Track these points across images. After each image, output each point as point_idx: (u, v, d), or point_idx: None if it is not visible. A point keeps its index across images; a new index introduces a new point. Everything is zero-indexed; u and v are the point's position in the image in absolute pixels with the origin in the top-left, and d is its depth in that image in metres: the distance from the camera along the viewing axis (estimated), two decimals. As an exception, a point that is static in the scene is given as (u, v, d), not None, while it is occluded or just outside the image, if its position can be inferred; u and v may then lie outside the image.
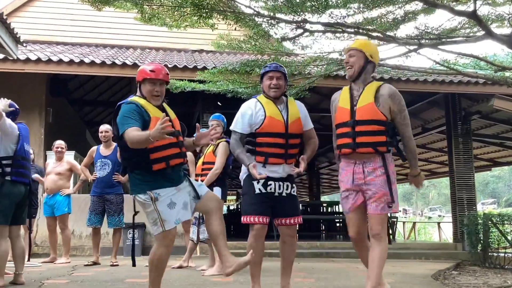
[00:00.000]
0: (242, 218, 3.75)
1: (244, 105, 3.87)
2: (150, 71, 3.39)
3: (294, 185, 3.85)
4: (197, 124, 3.62)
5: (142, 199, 3.27)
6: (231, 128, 3.83)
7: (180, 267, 6.22)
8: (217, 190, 5.55)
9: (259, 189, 3.69)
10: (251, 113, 3.75)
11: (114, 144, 6.85)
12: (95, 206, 6.75)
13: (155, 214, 3.23)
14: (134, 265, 3.73)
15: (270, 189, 3.71)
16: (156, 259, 3.26)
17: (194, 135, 3.59)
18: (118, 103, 3.41)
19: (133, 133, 3.13)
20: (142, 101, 3.36)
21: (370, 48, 3.69)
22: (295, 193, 3.85)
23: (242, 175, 3.84)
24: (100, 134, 6.84)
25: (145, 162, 3.25)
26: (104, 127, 6.83)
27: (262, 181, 3.68)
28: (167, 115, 3.35)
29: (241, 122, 3.77)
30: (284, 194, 3.76)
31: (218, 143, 5.68)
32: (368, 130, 3.52)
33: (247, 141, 3.79)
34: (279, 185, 3.74)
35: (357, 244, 3.72)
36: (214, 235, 3.41)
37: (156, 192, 3.24)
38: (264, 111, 3.74)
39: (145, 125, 3.24)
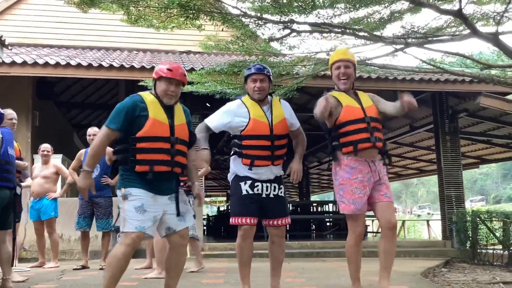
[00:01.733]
0: (230, 220, 3.76)
1: (228, 106, 3.85)
2: (167, 69, 3.32)
3: (282, 186, 3.85)
4: (204, 169, 3.59)
5: (118, 194, 3.23)
6: (206, 120, 3.80)
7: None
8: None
9: (246, 190, 3.69)
10: (230, 119, 3.74)
11: None
12: (83, 210, 6.70)
13: (122, 212, 3.16)
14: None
15: (257, 190, 3.71)
16: (111, 255, 3.13)
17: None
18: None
19: (98, 141, 3.21)
20: (148, 98, 3.28)
21: (355, 59, 3.97)
22: (283, 194, 3.85)
23: (230, 176, 3.85)
24: (88, 137, 6.79)
25: (130, 160, 3.16)
26: (92, 130, 6.78)
27: (249, 182, 3.69)
28: (172, 118, 3.27)
29: (216, 121, 3.77)
30: (271, 195, 3.76)
31: None
32: (377, 127, 3.80)
33: (233, 143, 3.78)
34: (267, 187, 3.74)
35: (359, 243, 3.78)
36: (169, 267, 3.33)
37: (128, 192, 3.14)
38: (249, 114, 3.73)
39: (139, 124, 3.17)
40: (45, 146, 7.19)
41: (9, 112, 5.69)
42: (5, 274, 4.58)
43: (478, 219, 9.26)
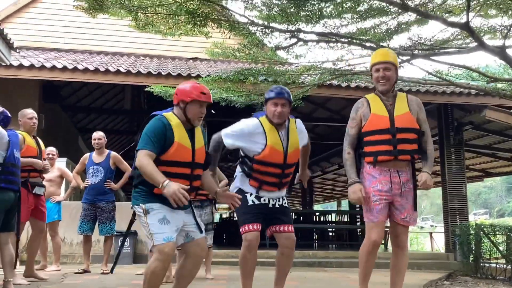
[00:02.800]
0: (240, 229, 3.72)
1: (246, 126, 3.77)
2: (202, 93, 3.26)
3: (285, 198, 3.91)
4: (225, 180, 3.58)
5: (137, 211, 3.21)
6: (223, 135, 3.74)
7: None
8: None
9: (252, 200, 3.72)
10: (247, 143, 3.72)
11: (107, 151, 6.83)
12: (86, 214, 6.71)
13: (146, 227, 3.13)
14: (111, 272, 3.75)
15: (264, 200, 3.75)
16: (149, 272, 3.10)
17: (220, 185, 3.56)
18: (152, 113, 3.32)
19: (146, 162, 3.07)
20: (174, 121, 3.23)
21: (396, 60, 3.81)
22: (286, 205, 3.89)
23: (233, 189, 3.81)
24: (93, 141, 6.81)
25: (149, 183, 3.13)
26: (98, 134, 6.80)
27: (254, 194, 3.72)
28: (193, 142, 3.25)
29: (233, 141, 3.72)
30: (277, 205, 3.80)
31: None
32: (407, 138, 3.63)
33: (243, 161, 3.80)
34: (272, 199, 3.79)
35: (375, 249, 3.71)
36: (181, 276, 3.30)
37: (150, 207, 3.13)
38: (266, 139, 3.69)
39: (165, 147, 3.15)
40: (51, 150, 7.21)
41: (30, 112, 5.75)
42: (7, 276, 4.59)
43: (481, 232, 9.21)
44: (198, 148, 3.29)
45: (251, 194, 3.72)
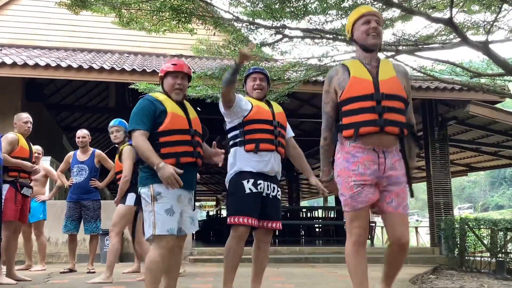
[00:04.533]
0: (228, 219, 3.64)
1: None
2: (172, 64, 3.39)
3: (279, 188, 3.84)
4: (214, 142, 3.55)
5: (143, 194, 3.17)
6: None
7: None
8: (131, 197, 5.29)
9: (250, 188, 3.62)
10: (242, 100, 3.75)
11: (92, 149, 6.77)
12: (71, 212, 6.64)
13: (151, 214, 3.11)
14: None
15: (260, 188, 3.67)
16: (149, 261, 3.09)
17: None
18: (140, 97, 3.40)
19: (141, 142, 3.11)
20: (161, 97, 3.31)
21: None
22: (279, 197, 3.83)
23: (230, 174, 3.76)
24: (77, 139, 6.74)
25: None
26: (82, 132, 6.73)
27: (252, 181, 3.63)
28: (186, 113, 3.33)
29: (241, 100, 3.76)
30: (270, 196, 3.73)
31: (122, 149, 5.47)
32: (395, 107, 2.92)
33: (232, 136, 3.78)
34: (267, 185, 3.71)
35: (360, 249, 2.92)
36: (169, 269, 3.30)
37: (158, 191, 3.10)
38: (251, 103, 3.78)
39: (159, 121, 3.18)
40: (36, 149, 7.12)
41: (25, 116, 5.72)
42: (-9, 277, 4.53)
43: (466, 226, 9.32)
44: (193, 118, 3.36)
45: (248, 181, 3.63)
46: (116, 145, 5.77)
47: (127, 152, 5.34)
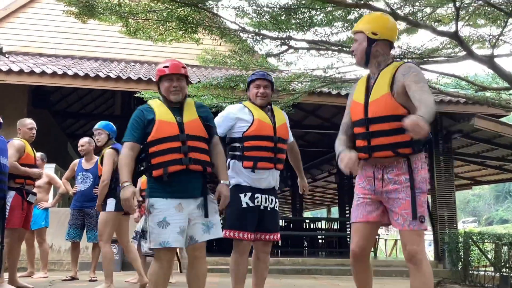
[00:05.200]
0: (224, 232, 3.57)
1: (229, 109, 3.81)
2: (164, 67, 3.24)
3: (277, 199, 3.82)
4: (218, 191, 3.22)
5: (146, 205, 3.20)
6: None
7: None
8: (111, 202, 5.09)
9: (246, 202, 3.62)
10: (234, 122, 3.69)
11: (96, 157, 6.77)
12: (74, 220, 6.64)
13: (149, 228, 3.11)
14: None
15: (257, 202, 3.65)
16: (150, 273, 3.12)
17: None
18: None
19: (122, 156, 3.12)
20: (155, 104, 3.23)
21: (373, 23, 2.96)
22: (277, 209, 3.82)
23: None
24: (79, 148, 6.76)
25: (148, 167, 3.12)
26: (82, 141, 6.72)
27: (249, 194, 3.61)
28: (181, 115, 3.17)
29: (223, 127, 3.69)
30: (268, 208, 3.71)
31: (103, 153, 5.32)
32: (384, 130, 2.82)
33: (232, 147, 3.72)
34: (265, 198, 3.69)
35: (356, 261, 2.97)
36: (189, 281, 3.26)
37: (151, 204, 3.06)
38: (252, 114, 3.70)
39: (148, 130, 3.11)
40: (39, 155, 7.16)
41: (29, 122, 5.69)
42: (-7, 283, 4.53)
43: (470, 240, 9.26)
44: (188, 120, 3.18)
45: (245, 195, 3.62)
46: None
47: (108, 156, 5.16)
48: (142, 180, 5.69)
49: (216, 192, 3.18)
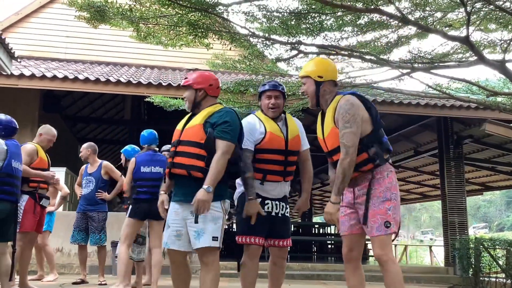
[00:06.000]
0: (237, 238, 3.66)
1: (247, 120, 3.76)
2: (184, 78, 3.59)
3: (288, 206, 3.81)
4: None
5: None
6: (244, 146, 3.56)
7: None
8: (129, 208, 5.54)
9: None
10: (256, 128, 3.68)
11: (99, 161, 6.81)
12: (78, 223, 6.67)
13: None
14: None
15: (268, 208, 3.65)
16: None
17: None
18: None
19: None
20: (188, 115, 3.53)
21: (316, 68, 3.33)
22: (288, 215, 3.81)
23: (238, 192, 3.76)
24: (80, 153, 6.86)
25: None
26: (82, 147, 6.84)
27: (259, 200, 3.60)
28: (187, 123, 3.40)
29: (249, 136, 3.63)
30: (279, 214, 3.71)
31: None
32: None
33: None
34: (276, 205, 3.69)
35: (349, 263, 3.33)
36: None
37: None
38: (265, 127, 3.67)
39: None
40: None
41: (55, 133, 5.82)
42: (3, 286, 4.55)
43: (481, 246, 9.18)
44: (188, 127, 3.35)
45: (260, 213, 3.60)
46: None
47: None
48: (125, 181, 5.88)
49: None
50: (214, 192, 3.10)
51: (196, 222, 3.13)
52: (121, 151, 6.25)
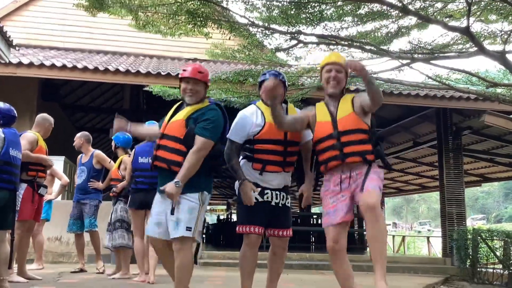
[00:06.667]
0: (237, 228, 3.64)
1: (244, 112, 3.75)
2: (183, 70, 3.54)
3: (289, 196, 3.79)
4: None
5: None
6: (228, 136, 3.64)
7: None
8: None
9: (256, 198, 3.58)
10: (251, 122, 3.64)
11: (92, 150, 6.79)
12: (73, 212, 6.67)
13: None
14: None
15: (267, 197, 3.62)
16: None
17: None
18: None
19: None
20: (175, 106, 3.59)
21: (343, 60, 3.62)
22: (289, 205, 3.78)
23: (237, 184, 3.73)
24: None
25: None
26: (76, 136, 6.85)
27: (258, 190, 3.59)
28: (174, 116, 3.48)
29: (240, 131, 3.64)
30: (280, 204, 3.68)
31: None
32: (353, 140, 3.40)
33: (246, 147, 3.68)
34: (276, 195, 3.66)
35: (335, 256, 3.45)
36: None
37: None
38: (264, 118, 3.64)
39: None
40: None
41: (52, 121, 5.92)
42: (2, 274, 4.54)
43: (479, 237, 9.22)
44: (173, 121, 3.47)
45: (254, 191, 3.58)
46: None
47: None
48: (113, 169, 6.27)
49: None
50: (193, 184, 3.29)
51: (172, 213, 3.30)
52: (112, 137, 6.38)
